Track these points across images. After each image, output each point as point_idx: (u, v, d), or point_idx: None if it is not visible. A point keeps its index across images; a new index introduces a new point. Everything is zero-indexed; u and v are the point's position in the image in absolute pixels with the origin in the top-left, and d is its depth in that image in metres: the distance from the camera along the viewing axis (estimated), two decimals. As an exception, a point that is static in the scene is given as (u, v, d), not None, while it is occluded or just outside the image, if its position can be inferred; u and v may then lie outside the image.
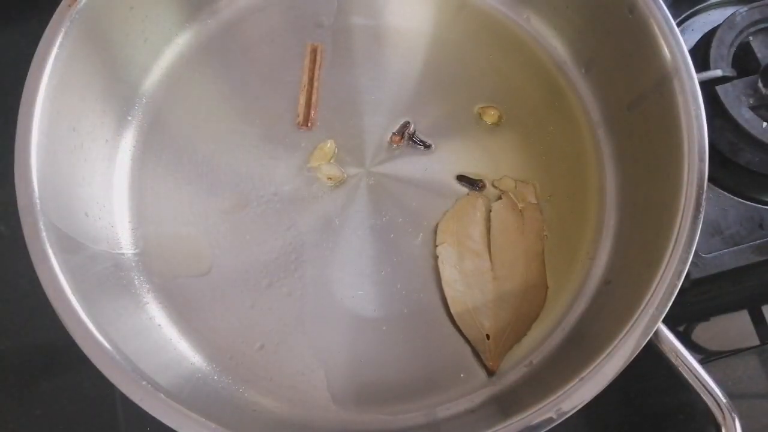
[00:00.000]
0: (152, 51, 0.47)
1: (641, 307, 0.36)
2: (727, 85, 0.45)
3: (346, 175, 0.45)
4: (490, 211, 0.45)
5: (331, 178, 0.44)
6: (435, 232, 0.44)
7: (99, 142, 0.44)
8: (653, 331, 0.35)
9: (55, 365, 0.47)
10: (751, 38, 0.46)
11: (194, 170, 0.45)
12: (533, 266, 0.43)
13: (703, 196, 0.37)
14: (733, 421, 0.35)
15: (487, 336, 0.42)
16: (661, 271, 0.36)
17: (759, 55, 0.45)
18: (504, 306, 0.43)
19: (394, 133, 0.45)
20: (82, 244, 0.40)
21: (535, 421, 0.34)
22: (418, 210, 0.45)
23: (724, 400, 0.35)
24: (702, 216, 0.37)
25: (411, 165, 0.46)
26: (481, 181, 0.45)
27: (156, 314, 0.42)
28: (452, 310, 0.42)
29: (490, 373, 0.41)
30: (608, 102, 0.46)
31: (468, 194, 0.45)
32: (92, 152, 0.43)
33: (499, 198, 0.45)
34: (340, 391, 0.41)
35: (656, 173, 0.41)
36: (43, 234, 0.36)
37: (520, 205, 0.44)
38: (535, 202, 0.45)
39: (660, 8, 0.40)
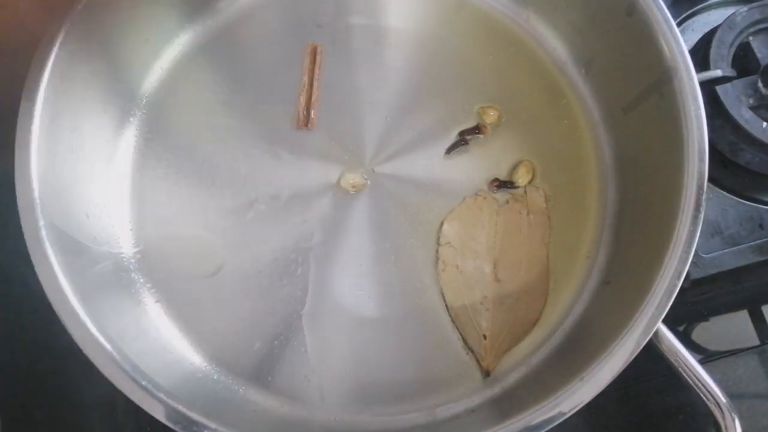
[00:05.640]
0: (152, 51, 0.47)
1: (641, 307, 0.36)
2: (727, 85, 0.45)
3: (369, 182, 0.45)
4: (497, 213, 0.45)
5: (354, 186, 0.45)
6: (435, 232, 0.44)
7: (99, 142, 0.44)
8: (653, 331, 0.35)
9: (55, 365, 0.47)
10: (751, 38, 0.46)
11: (194, 170, 0.45)
12: (535, 271, 0.43)
13: (703, 196, 0.37)
14: (733, 421, 0.35)
15: (484, 336, 0.42)
16: (661, 271, 0.36)
17: (759, 55, 0.45)
18: (503, 308, 0.43)
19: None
20: (82, 244, 0.40)
21: (535, 421, 0.34)
22: (418, 210, 0.45)
23: (724, 400, 0.35)
24: (702, 216, 0.37)
25: (411, 165, 0.46)
26: (513, 182, 0.45)
27: (156, 314, 0.42)
28: (450, 309, 0.42)
29: (486, 373, 0.41)
30: (608, 102, 0.46)
31: (475, 195, 0.45)
32: (92, 152, 0.43)
33: (507, 201, 0.45)
34: (340, 391, 0.41)
35: (656, 173, 0.41)
36: (44, 234, 0.37)
37: (527, 210, 0.44)
38: (545, 207, 0.45)
39: (660, 8, 0.40)
